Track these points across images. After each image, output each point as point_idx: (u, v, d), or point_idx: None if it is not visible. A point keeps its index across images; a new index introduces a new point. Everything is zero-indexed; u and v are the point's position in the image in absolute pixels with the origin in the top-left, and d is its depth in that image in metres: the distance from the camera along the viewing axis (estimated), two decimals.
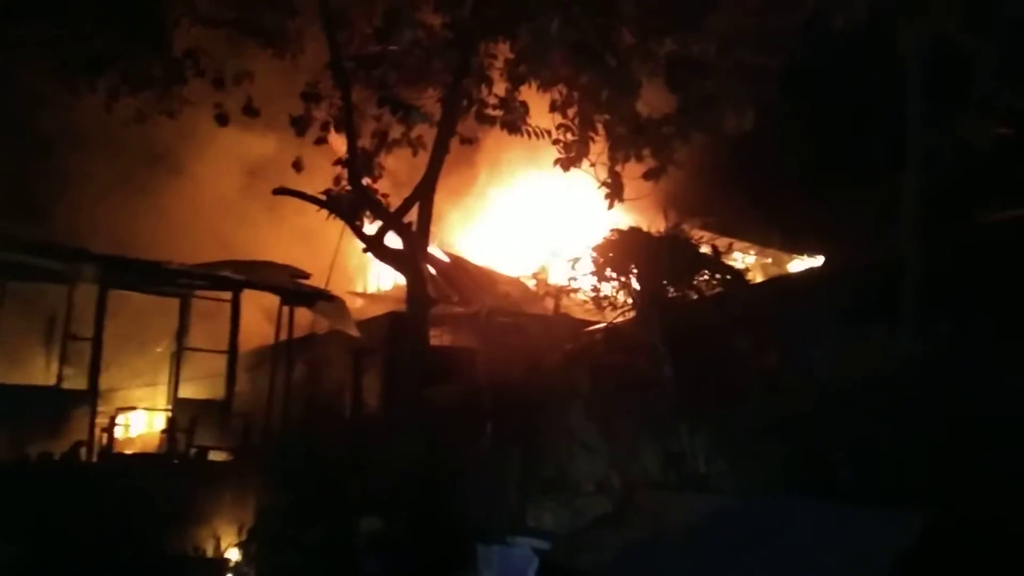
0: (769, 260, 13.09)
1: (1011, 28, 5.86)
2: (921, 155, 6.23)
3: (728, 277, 6.35)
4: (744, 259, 11.52)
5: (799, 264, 12.90)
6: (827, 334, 5.56)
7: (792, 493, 4.83)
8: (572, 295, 6.99)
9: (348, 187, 8.83)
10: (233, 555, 8.26)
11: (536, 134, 8.60)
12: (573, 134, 8.49)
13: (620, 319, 6.71)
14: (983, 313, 4.78)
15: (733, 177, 10.48)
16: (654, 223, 6.76)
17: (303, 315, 10.85)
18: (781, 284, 8.41)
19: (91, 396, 9.33)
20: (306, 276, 11.07)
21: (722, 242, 6.95)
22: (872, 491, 4.48)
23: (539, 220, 13.61)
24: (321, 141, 9.31)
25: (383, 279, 15.26)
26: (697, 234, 6.64)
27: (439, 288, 11.42)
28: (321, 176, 9.37)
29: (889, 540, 3.92)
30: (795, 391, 5.54)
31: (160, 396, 10.72)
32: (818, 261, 11.91)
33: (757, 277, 11.31)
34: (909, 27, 6.20)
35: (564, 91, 8.50)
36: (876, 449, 4.66)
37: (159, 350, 11.42)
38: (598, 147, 8.19)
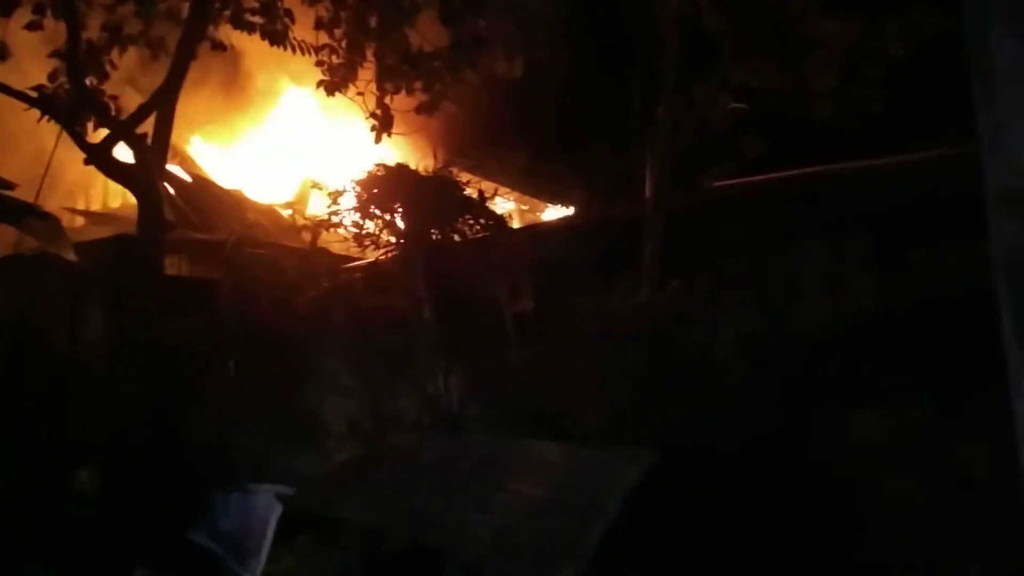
0: (526, 207, 13.58)
1: (748, 10, 6.46)
2: (669, 122, 6.72)
3: (491, 222, 6.40)
4: (504, 204, 11.81)
5: (552, 213, 13.54)
6: (577, 283, 5.84)
7: (541, 435, 5.04)
8: (332, 230, 6.65)
9: (66, 85, 7.52)
10: None
11: (301, 48, 7.96)
12: (339, 57, 8.01)
13: (382, 258, 6.52)
14: (705, 270, 5.28)
15: (500, 122, 10.59)
16: (422, 162, 6.59)
17: (6, 232, 9.24)
18: (537, 231, 8.74)
19: None
20: (11, 187, 9.36)
21: (487, 186, 6.99)
22: (613, 432, 4.83)
23: (299, 146, 12.80)
24: (34, 26, 7.80)
25: (110, 196, 13.48)
26: (464, 177, 6.59)
27: (178, 211, 10.36)
28: (34, 68, 7.90)
29: (622, 475, 4.24)
30: (544, 337, 5.80)
31: None
32: (568, 211, 12.56)
33: (515, 223, 11.67)
34: None
35: (331, 8, 7.95)
36: (616, 393, 5.02)
37: None
38: (367, 74, 7.79)
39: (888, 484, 3.96)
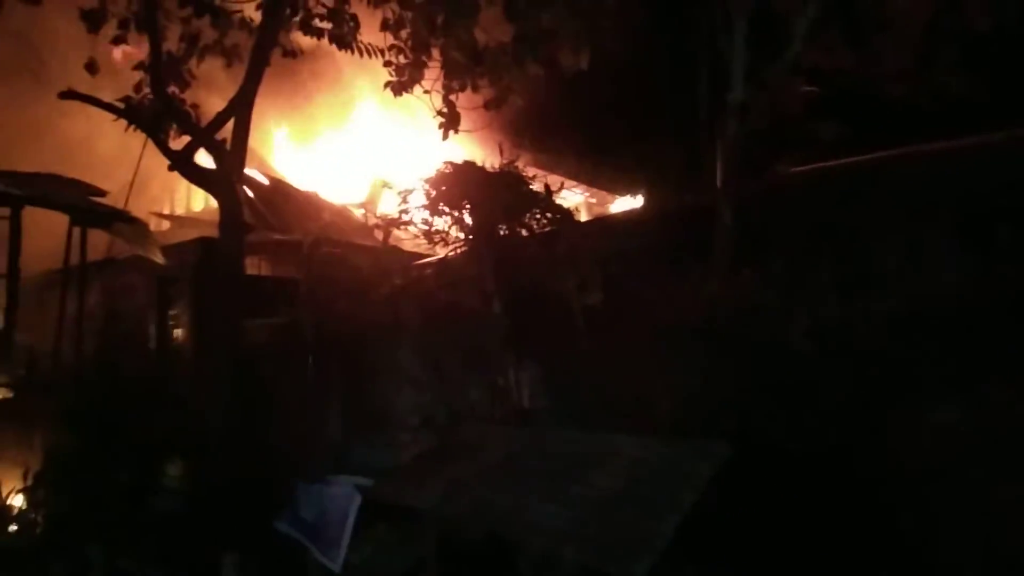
0: (594, 200, 13.49)
1: None
2: (738, 107, 6.57)
3: (558, 216, 6.40)
4: (571, 197, 11.79)
5: (620, 204, 13.42)
6: (646, 274, 5.79)
7: (611, 427, 5.04)
8: (403, 228, 6.77)
9: (150, 95, 7.90)
10: (17, 501, 7.46)
11: (368, 52, 8.12)
12: (406, 57, 8.13)
13: (452, 254, 6.61)
14: (779, 258, 5.15)
15: (565, 115, 10.56)
16: (488, 158, 6.64)
17: (99, 237, 9.76)
18: (605, 224, 8.67)
19: None
20: (102, 194, 9.89)
21: (553, 179, 6.99)
22: (684, 424, 4.78)
23: (369, 147, 13.07)
24: (119, 40, 8.22)
25: (193, 200, 14.08)
26: (530, 171, 6.60)
27: (257, 213, 10.72)
28: (120, 80, 8.32)
29: (698, 468, 4.20)
30: (614, 329, 5.77)
31: None
32: (637, 202, 12.43)
33: (582, 215, 11.63)
34: None
35: (397, 9, 8.07)
36: (687, 385, 4.96)
37: None
38: (433, 73, 7.89)
39: (970, 475, 3.80)
